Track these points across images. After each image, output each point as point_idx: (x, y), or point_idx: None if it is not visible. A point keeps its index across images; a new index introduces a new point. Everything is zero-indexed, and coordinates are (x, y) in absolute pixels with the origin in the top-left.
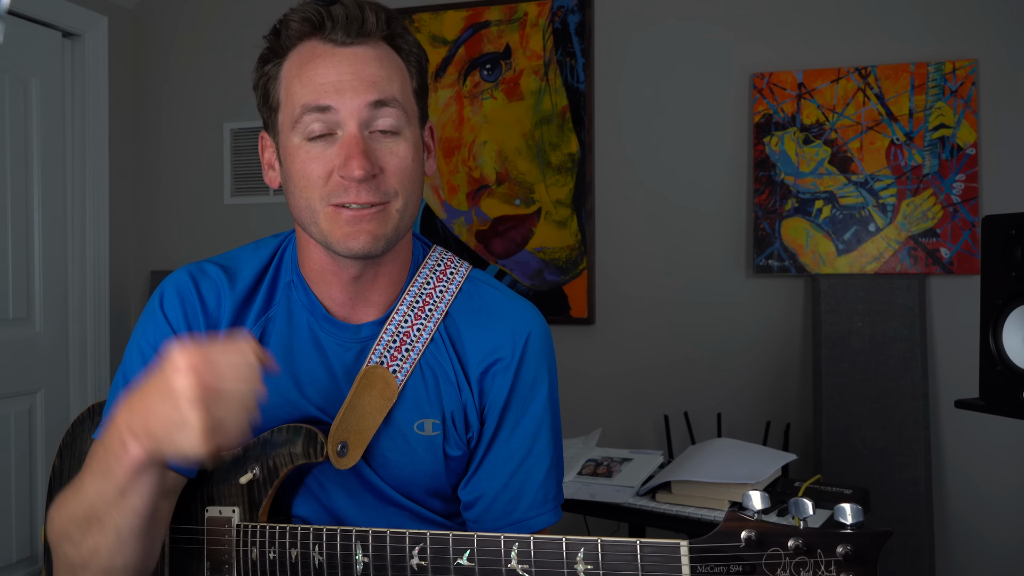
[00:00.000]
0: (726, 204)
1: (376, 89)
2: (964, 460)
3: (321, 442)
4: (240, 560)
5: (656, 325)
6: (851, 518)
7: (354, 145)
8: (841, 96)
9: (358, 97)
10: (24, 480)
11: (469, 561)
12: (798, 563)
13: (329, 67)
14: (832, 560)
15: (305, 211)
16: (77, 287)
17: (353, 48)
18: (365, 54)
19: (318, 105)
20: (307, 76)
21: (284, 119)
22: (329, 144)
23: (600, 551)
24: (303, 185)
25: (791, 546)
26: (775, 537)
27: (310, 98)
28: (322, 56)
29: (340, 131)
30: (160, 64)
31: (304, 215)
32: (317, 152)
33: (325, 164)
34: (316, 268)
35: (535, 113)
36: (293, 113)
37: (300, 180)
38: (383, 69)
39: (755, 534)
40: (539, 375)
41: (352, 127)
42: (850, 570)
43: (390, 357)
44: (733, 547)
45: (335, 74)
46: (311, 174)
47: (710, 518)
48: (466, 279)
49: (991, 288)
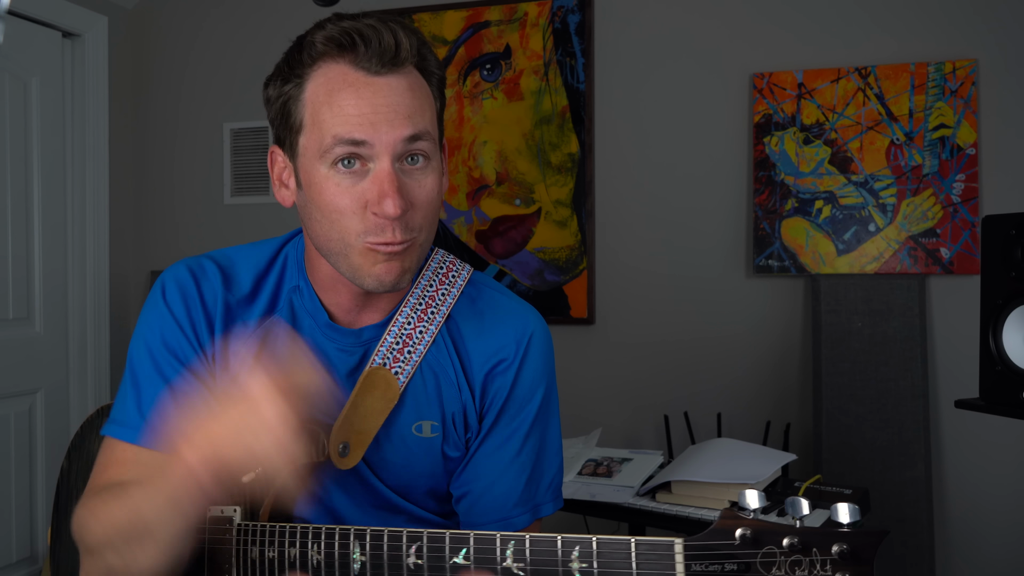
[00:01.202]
0: (726, 204)
1: (411, 123)
2: (964, 460)
3: (323, 442)
4: (240, 559)
5: (656, 325)
6: (847, 517)
7: (389, 183)
8: (841, 96)
9: (393, 131)
10: (24, 480)
11: (465, 560)
12: (793, 562)
13: (363, 99)
14: (828, 559)
15: (336, 243)
16: (77, 287)
17: (387, 79)
18: (399, 85)
19: (352, 139)
20: (338, 105)
21: (309, 145)
22: (360, 177)
23: (595, 549)
24: (334, 218)
25: (786, 545)
26: (770, 536)
27: (342, 130)
28: (355, 86)
29: (371, 164)
30: (160, 64)
31: (334, 247)
32: (348, 184)
33: (357, 198)
34: (326, 278)
35: (535, 113)
36: (322, 142)
37: (331, 213)
38: (416, 100)
39: (750, 532)
40: (539, 377)
41: (386, 163)
42: (846, 569)
43: (392, 359)
44: (728, 545)
45: (369, 107)
46: (343, 208)
47: (710, 518)
48: (468, 282)
49: (991, 288)
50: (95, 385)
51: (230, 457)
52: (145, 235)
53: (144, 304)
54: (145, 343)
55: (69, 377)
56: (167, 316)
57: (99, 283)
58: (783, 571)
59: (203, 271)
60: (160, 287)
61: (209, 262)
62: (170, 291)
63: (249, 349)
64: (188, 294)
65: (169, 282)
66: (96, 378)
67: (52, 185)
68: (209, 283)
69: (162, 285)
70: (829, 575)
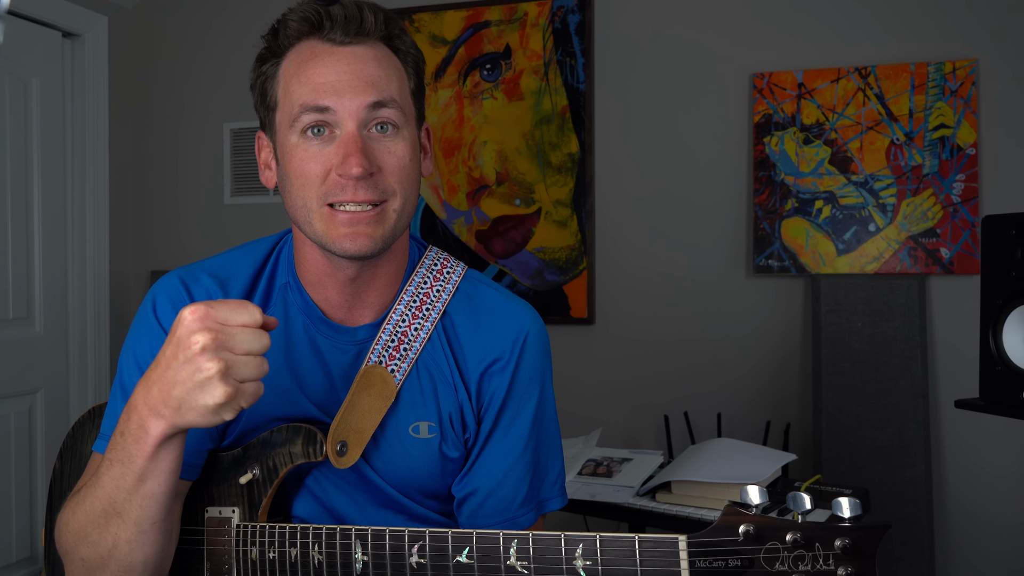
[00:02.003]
0: (726, 204)
1: (375, 89)
2: (964, 460)
3: (320, 441)
4: (240, 560)
5: (656, 325)
6: (848, 512)
7: (352, 144)
8: (841, 96)
9: (357, 98)
10: (24, 480)
11: (468, 558)
12: (796, 556)
13: (328, 67)
14: (830, 553)
15: (301, 210)
16: (77, 287)
17: (352, 48)
18: (364, 54)
19: (317, 105)
20: (305, 75)
21: (282, 118)
22: (327, 143)
23: (599, 547)
24: (300, 183)
25: (789, 540)
26: (773, 531)
27: (309, 98)
28: (320, 56)
29: (338, 130)
30: (160, 64)
31: (300, 214)
32: (315, 151)
33: (323, 163)
34: (312, 270)
35: (535, 113)
36: (291, 112)
37: (297, 178)
38: (381, 69)
39: (753, 528)
40: (536, 375)
41: (351, 127)
42: (848, 563)
43: (388, 357)
44: (731, 541)
45: (334, 74)
46: (308, 172)
47: (710, 518)
48: (463, 279)
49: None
50: (95, 385)
51: (175, 396)
52: (145, 235)
53: (135, 317)
54: (134, 356)
55: (69, 377)
56: (157, 330)
57: (99, 283)
58: (786, 566)
59: (195, 280)
60: (151, 301)
61: (203, 273)
62: (161, 304)
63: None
64: (179, 306)
65: (160, 295)
66: (96, 378)
67: (52, 185)
68: (203, 291)
69: (153, 299)
70: (832, 569)
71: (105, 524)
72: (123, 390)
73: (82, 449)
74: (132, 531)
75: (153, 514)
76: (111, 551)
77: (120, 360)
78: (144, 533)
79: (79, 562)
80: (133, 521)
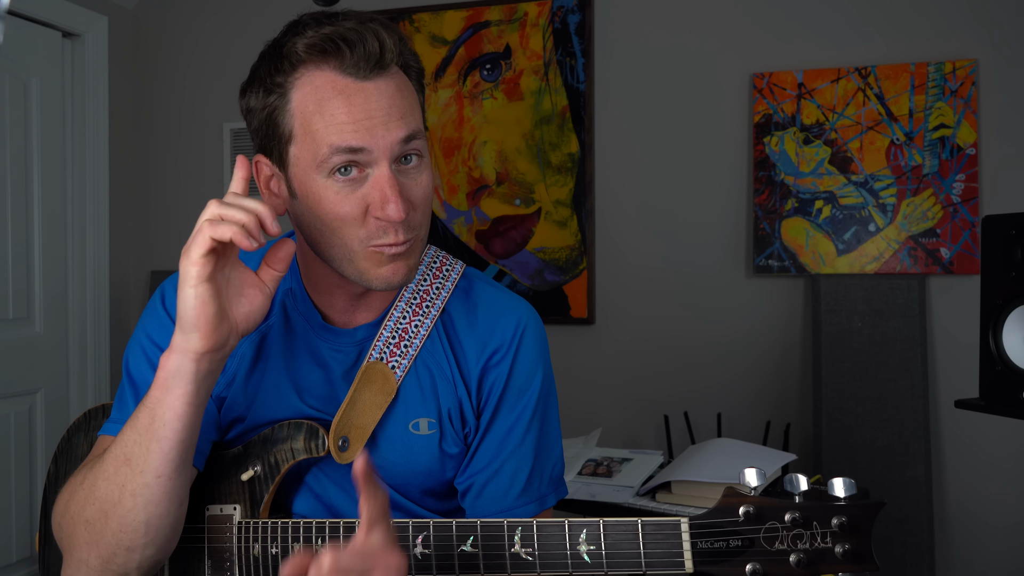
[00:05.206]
0: (726, 204)
1: (403, 124)
2: (964, 460)
3: (322, 437)
4: (241, 557)
5: (656, 325)
6: (843, 491)
7: (390, 187)
8: (841, 96)
9: (390, 135)
10: (24, 480)
11: (472, 547)
12: (795, 535)
13: (356, 106)
14: (828, 531)
15: (339, 249)
16: (77, 287)
17: (376, 83)
18: (388, 87)
19: (349, 147)
20: (330, 114)
21: (302, 156)
22: (358, 183)
23: (602, 531)
24: (336, 226)
25: (788, 519)
26: (772, 511)
27: (338, 139)
28: (345, 93)
29: (369, 170)
30: (160, 64)
31: (337, 253)
32: (347, 192)
33: (358, 204)
34: (322, 282)
35: (535, 113)
36: (317, 153)
37: (332, 221)
38: (405, 100)
39: (753, 509)
40: (534, 367)
41: (384, 167)
42: (845, 540)
43: (389, 353)
44: (732, 522)
45: (363, 112)
46: (345, 216)
47: None
48: (461, 276)
49: (991, 288)
50: (95, 385)
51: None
52: (145, 235)
53: (144, 310)
54: (141, 346)
55: (69, 377)
56: (166, 320)
57: (99, 283)
58: (785, 545)
59: None
60: (161, 293)
61: None
62: (170, 296)
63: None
64: None
65: (169, 288)
66: (96, 378)
67: (52, 185)
68: None
69: (162, 291)
70: (830, 546)
71: (115, 473)
72: (130, 379)
73: (77, 452)
74: (138, 482)
75: (159, 464)
76: (115, 504)
77: (127, 351)
78: (149, 486)
79: (83, 525)
80: (140, 470)
